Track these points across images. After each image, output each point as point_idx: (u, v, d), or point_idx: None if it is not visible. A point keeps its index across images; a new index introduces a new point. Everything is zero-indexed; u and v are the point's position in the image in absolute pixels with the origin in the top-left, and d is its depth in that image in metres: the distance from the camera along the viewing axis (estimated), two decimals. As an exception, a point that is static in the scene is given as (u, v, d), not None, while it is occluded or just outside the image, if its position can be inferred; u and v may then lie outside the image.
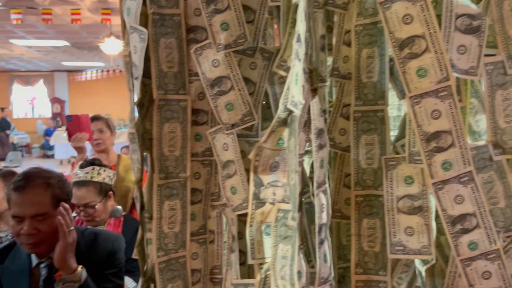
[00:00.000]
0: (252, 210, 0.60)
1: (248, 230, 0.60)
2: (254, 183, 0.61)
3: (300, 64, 0.62)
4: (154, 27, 0.82)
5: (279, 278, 0.60)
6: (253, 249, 0.60)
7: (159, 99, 0.83)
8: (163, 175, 0.84)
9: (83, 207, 1.99)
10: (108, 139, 2.69)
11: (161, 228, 0.83)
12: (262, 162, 0.61)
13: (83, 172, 2.00)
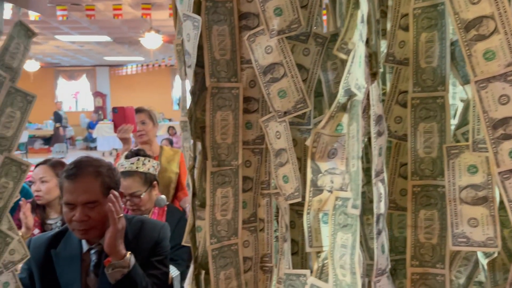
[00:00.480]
0: (310, 198, 0.59)
1: (306, 218, 0.59)
2: (311, 170, 0.59)
3: (364, 46, 0.60)
4: (207, 14, 0.82)
5: (338, 267, 0.59)
6: (311, 237, 0.59)
7: (211, 87, 0.83)
8: (215, 163, 0.84)
9: (129, 196, 2.05)
10: (150, 130, 2.75)
11: (214, 215, 0.84)
12: (320, 149, 0.60)
13: (129, 162, 2.06)
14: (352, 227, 0.58)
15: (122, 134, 2.47)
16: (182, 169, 2.75)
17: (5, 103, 0.97)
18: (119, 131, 2.47)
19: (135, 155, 2.10)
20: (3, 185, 0.97)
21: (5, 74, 0.95)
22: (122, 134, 2.47)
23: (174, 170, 2.69)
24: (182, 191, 2.75)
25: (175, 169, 2.70)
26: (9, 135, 0.98)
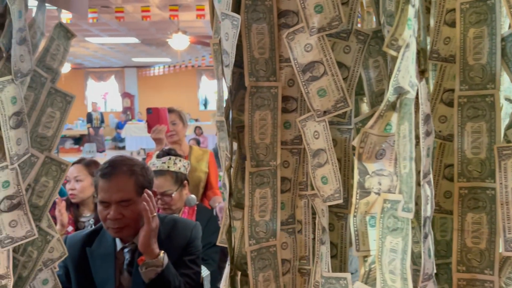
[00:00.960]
0: (356, 200, 0.57)
1: (352, 221, 0.57)
2: (358, 171, 0.57)
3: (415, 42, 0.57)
4: (246, 12, 0.81)
5: (387, 271, 0.57)
6: (358, 241, 0.57)
7: (250, 86, 0.82)
8: (254, 163, 0.83)
9: (160, 195, 2.07)
10: (180, 130, 2.78)
11: (253, 216, 0.83)
12: (368, 149, 0.58)
13: (160, 161, 2.08)
14: (402, 231, 0.56)
15: (156, 134, 2.50)
16: (211, 169, 2.77)
17: (45, 103, 0.99)
18: (153, 131, 2.50)
19: (166, 155, 2.12)
20: (44, 184, 0.99)
21: (46, 75, 0.96)
22: (156, 135, 2.50)
23: (203, 169, 2.72)
24: (211, 190, 2.76)
25: (204, 169, 2.72)
26: (49, 135, 0.99)
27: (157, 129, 2.49)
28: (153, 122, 2.51)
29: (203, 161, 2.72)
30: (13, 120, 0.84)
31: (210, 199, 2.75)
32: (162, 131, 2.49)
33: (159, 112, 2.53)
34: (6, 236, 0.85)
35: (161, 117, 2.52)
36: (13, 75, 0.83)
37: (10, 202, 0.86)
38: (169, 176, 2.07)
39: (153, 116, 2.51)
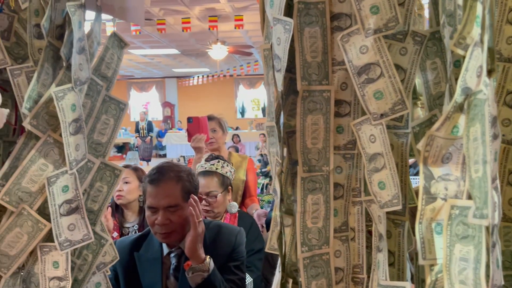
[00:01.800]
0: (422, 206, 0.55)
1: (418, 228, 0.55)
2: (423, 176, 0.55)
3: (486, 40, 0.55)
4: (298, 16, 0.80)
5: (456, 282, 0.54)
6: (424, 249, 0.54)
7: (302, 90, 0.81)
8: (306, 168, 0.82)
9: (205, 195, 2.09)
10: (220, 138, 2.81)
11: (305, 222, 0.81)
12: (433, 153, 0.55)
13: (209, 163, 2.11)
14: (474, 238, 0.53)
15: (196, 143, 2.53)
16: (249, 176, 2.77)
17: (100, 110, 1.02)
18: (193, 140, 2.53)
19: (215, 158, 2.16)
20: (98, 189, 1.01)
21: (102, 83, 1.00)
22: (196, 144, 2.53)
23: (241, 177, 2.72)
24: (249, 198, 2.76)
25: (242, 177, 2.72)
26: (103, 141, 1.02)
27: (197, 138, 2.52)
28: (193, 131, 2.54)
29: (242, 169, 2.73)
30: (72, 127, 0.87)
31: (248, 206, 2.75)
32: (202, 140, 2.52)
33: (199, 121, 2.56)
34: (65, 239, 0.88)
35: (201, 126, 2.55)
36: (73, 83, 0.86)
37: (69, 206, 0.89)
38: (216, 177, 2.10)
39: (193, 125, 2.55)
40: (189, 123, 2.56)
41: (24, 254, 0.89)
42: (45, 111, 0.86)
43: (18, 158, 0.87)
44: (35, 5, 0.94)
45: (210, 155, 2.20)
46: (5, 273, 0.89)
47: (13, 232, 0.87)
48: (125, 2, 0.95)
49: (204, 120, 2.59)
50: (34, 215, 0.87)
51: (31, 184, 0.86)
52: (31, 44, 0.94)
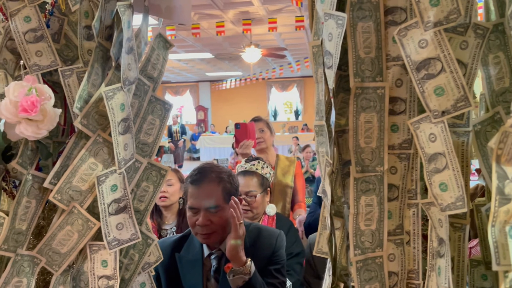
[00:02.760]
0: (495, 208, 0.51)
1: (490, 231, 0.51)
2: (496, 176, 0.51)
3: None
4: (351, 11, 0.77)
5: (536, 290, 0.49)
6: (497, 254, 0.50)
7: (355, 87, 0.78)
8: (359, 168, 0.78)
9: (245, 195, 2.08)
10: (268, 138, 2.79)
11: (358, 224, 0.78)
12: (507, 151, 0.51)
13: (249, 164, 2.11)
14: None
15: (244, 149, 2.52)
16: (297, 181, 2.72)
17: (147, 111, 1.02)
18: (240, 146, 2.53)
19: (255, 159, 2.15)
20: (144, 189, 1.02)
21: (149, 83, 1.00)
22: (244, 150, 2.52)
23: (289, 184, 2.67)
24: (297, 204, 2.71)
25: (290, 183, 2.67)
26: (150, 142, 1.03)
27: (245, 144, 2.52)
28: (241, 137, 2.54)
29: (289, 174, 2.68)
30: (121, 126, 0.87)
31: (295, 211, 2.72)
32: (249, 146, 2.52)
33: (247, 127, 2.56)
34: (114, 238, 0.88)
35: (249, 131, 2.55)
36: (122, 83, 0.87)
37: (117, 205, 0.89)
38: (256, 177, 2.09)
39: (241, 131, 2.55)
40: (237, 129, 2.56)
41: (74, 252, 0.90)
42: (95, 110, 0.87)
43: (69, 157, 0.88)
44: (85, 7, 0.96)
45: (250, 156, 2.20)
46: (56, 270, 0.90)
47: (64, 230, 0.88)
48: (172, 1, 0.95)
49: (251, 126, 2.59)
50: (84, 213, 0.88)
51: (82, 183, 0.87)
52: (81, 45, 0.95)
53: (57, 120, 0.84)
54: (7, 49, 1.00)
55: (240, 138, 2.54)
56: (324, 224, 0.99)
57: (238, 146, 2.54)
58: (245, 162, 2.15)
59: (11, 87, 0.80)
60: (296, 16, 7.32)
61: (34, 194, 0.89)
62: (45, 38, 0.98)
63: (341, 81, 0.86)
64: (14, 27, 0.97)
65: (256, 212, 2.14)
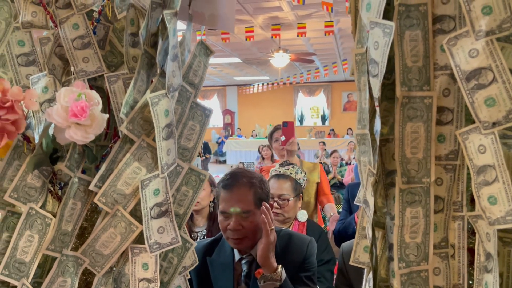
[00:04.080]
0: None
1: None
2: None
3: None
4: (399, 19, 0.76)
5: None
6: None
7: (402, 96, 0.77)
8: (405, 179, 0.77)
9: (277, 197, 2.09)
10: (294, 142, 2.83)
11: (403, 237, 0.77)
12: None
13: (283, 168, 2.13)
14: None
15: (292, 146, 2.63)
16: (322, 178, 2.84)
17: (188, 116, 1.04)
18: (288, 143, 2.63)
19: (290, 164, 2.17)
20: (184, 193, 1.03)
21: (191, 90, 1.01)
22: (292, 147, 2.63)
23: (315, 180, 2.80)
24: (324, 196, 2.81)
25: (317, 179, 2.81)
26: (190, 147, 1.04)
27: (293, 141, 2.62)
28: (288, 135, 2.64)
29: (315, 172, 2.78)
30: (165, 132, 0.89)
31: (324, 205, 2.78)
32: (295, 144, 2.60)
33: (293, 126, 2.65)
34: (155, 241, 0.90)
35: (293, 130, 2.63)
36: (166, 89, 0.89)
37: (159, 209, 0.91)
38: (290, 181, 2.10)
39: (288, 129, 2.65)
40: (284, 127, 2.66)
41: (116, 254, 0.92)
42: (140, 116, 0.89)
43: (113, 161, 0.90)
44: (131, 14, 0.98)
45: (284, 161, 2.22)
46: (99, 271, 0.93)
47: (108, 232, 0.90)
48: (216, 9, 0.97)
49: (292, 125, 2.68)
50: (127, 216, 0.89)
51: (125, 187, 0.89)
52: (127, 52, 0.98)
53: (105, 125, 0.86)
54: (56, 55, 1.04)
55: (287, 136, 2.63)
56: (361, 233, 0.97)
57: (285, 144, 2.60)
58: (279, 166, 2.16)
59: (61, 93, 0.83)
60: (325, 21, 7.30)
61: (80, 196, 0.92)
62: (92, 45, 1.02)
63: (384, 89, 0.85)
64: (63, 34, 1.01)
65: (287, 216, 2.14)
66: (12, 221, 0.93)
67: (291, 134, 2.60)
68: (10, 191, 0.90)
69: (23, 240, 0.90)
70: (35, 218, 0.91)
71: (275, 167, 2.22)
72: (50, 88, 1.01)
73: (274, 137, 2.90)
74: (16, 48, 1.05)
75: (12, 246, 0.90)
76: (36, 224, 0.91)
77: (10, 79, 1.05)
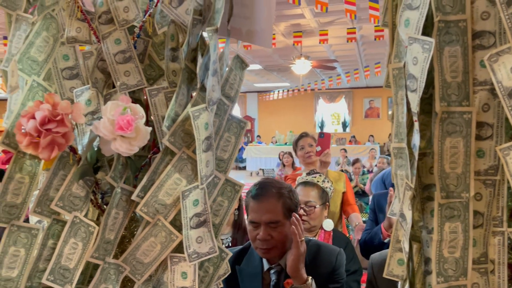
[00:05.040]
0: None
1: None
2: None
3: None
4: (438, 35, 0.77)
5: None
6: None
7: (441, 111, 0.78)
8: (444, 194, 0.78)
9: (303, 204, 2.10)
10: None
11: (441, 251, 0.77)
12: None
13: (311, 176, 2.14)
14: None
15: (326, 157, 2.64)
16: (348, 188, 2.85)
17: (224, 128, 1.06)
18: (323, 154, 2.64)
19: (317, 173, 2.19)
20: (220, 203, 1.05)
21: (228, 103, 1.04)
22: (326, 158, 2.64)
23: (341, 189, 2.81)
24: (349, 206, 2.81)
25: (342, 189, 2.82)
26: (225, 158, 1.06)
27: (328, 152, 2.64)
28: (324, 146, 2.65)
29: (341, 182, 2.78)
30: (205, 144, 0.91)
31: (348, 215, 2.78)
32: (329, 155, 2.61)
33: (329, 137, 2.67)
34: (194, 251, 0.92)
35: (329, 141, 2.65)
36: (206, 103, 0.91)
37: (198, 220, 0.93)
38: (317, 189, 2.12)
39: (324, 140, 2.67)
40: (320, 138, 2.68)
41: (156, 263, 0.94)
42: (181, 129, 0.92)
43: (155, 172, 0.93)
44: (171, 30, 1.02)
45: (311, 170, 2.23)
46: (139, 279, 0.95)
47: (148, 241, 0.93)
48: (253, 25, 0.99)
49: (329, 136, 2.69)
50: (168, 226, 0.92)
51: (167, 197, 0.92)
52: (167, 66, 1.01)
53: (148, 137, 0.89)
54: (98, 69, 1.08)
55: (323, 147, 2.65)
56: (395, 246, 0.98)
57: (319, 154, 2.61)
58: (306, 174, 2.18)
59: (108, 106, 0.87)
60: (348, 28, 7.28)
61: (122, 206, 0.95)
62: (133, 59, 1.05)
63: (421, 103, 0.86)
64: (105, 48, 1.05)
65: (313, 224, 2.15)
66: (57, 228, 0.97)
67: (327, 145, 2.62)
68: (57, 200, 0.94)
69: (67, 247, 0.94)
70: (79, 226, 0.95)
71: (301, 175, 2.23)
72: (93, 101, 1.05)
73: (299, 144, 2.91)
74: (61, 62, 1.10)
75: (57, 253, 0.94)
76: (80, 232, 0.94)
77: (55, 91, 1.10)
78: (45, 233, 0.96)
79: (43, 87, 1.02)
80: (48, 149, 0.84)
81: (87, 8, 1.11)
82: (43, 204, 0.95)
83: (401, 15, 0.83)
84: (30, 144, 0.83)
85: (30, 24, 1.06)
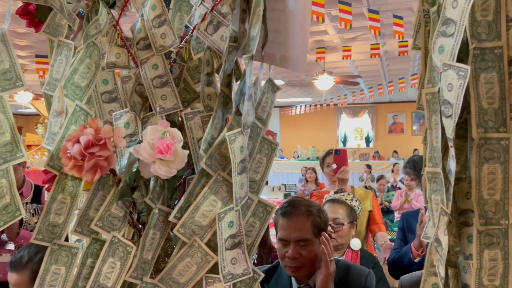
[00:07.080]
0: None
1: None
2: None
3: None
4: (474, 62, 0.78)
5: None
6: None
7: (479, 138, 0.78)
8: (483, 221, 0.77)
9: (331, 221, 2.09)
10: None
11: (481, 279, 0.76)
12: None
13: (339, 194, 2.14)
14: None
15: (343, 175, 2.60)
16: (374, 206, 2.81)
17: (256, 150, 1.08)
18: (340, 171, 2.61)
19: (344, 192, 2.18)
20: (251, 224, 1.07)
21: (261, 125, 1.06)
22: (343, 175, 2.61)
23: (367, 208, 2.78)
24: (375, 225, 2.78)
25: (369, 207, 2.79)
26: (257, 179, 1.08)
27: (345, 169, 2.60)
28: (340, 163, 2.62)
29: (367, 200, 2.75)
30: (239, 167, 0.94)
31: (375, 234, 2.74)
32: (347, 172, 2.58)
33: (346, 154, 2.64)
34: (228, 272, 0.94)
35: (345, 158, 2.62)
36: (242, 127, 0.94)
37: (232, 241, 0.95)
38: (345, 206, 2.11)
39: (340, 157, 2.63)
40: (336, 155, 2.65)
41: (192, 283, 0.96)
42: (218, 152, 0.95)
43: (191, 194, 0.96)
44: (207, 56, 1.06)
45: (339, 189, 2.23)
46: (174, 299, 0.97)
47: (184, 262, 0.95)
48: (287, 51, 1.02)
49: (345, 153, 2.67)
50: (204, 247, 0.94)
51: (203, 219, 0.94)
52: (203, 91, 1.05)
53: (186, 160, 0.92)
54: (136, 93, 1.13)
55: (339, 164, 2.62)
56: (429, 270, 0.97)
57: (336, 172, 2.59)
58: (334, 193, 2.18)
59: (148, 131, 0.90)
60: (371, 43, 7.27)
61: (159, 227, 0.98)
62: (169, 83, 1.09)
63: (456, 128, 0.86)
64: (143, 73, 1.10)
65: (341, 242, 2.13)
66: (96, 248, 1.00)
67: (343, 162, 2.58)
68: (96, 220, 0.98)
69: (106, 266, 0.97)
70: (117, 246, 0.98)
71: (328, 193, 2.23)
72: (131, 124, 1.10)
73: (326, 162, 2.91)
74: (101, 86, 1.15)
75: (96, 271, 0.97)
76: (118, 252, 0.97)
77: (94, 114, 1.15)
78: (84, 252, 0.99)
79: (85, 111, 1.06)
80: (91, 172, 0.87)
81: (126, 35, 1.16)
82: (83, 224, 0.99)
83: (435, 41, 0.84)
84: (74, 167, 0.87)
85: (71, 49, 1.11)
